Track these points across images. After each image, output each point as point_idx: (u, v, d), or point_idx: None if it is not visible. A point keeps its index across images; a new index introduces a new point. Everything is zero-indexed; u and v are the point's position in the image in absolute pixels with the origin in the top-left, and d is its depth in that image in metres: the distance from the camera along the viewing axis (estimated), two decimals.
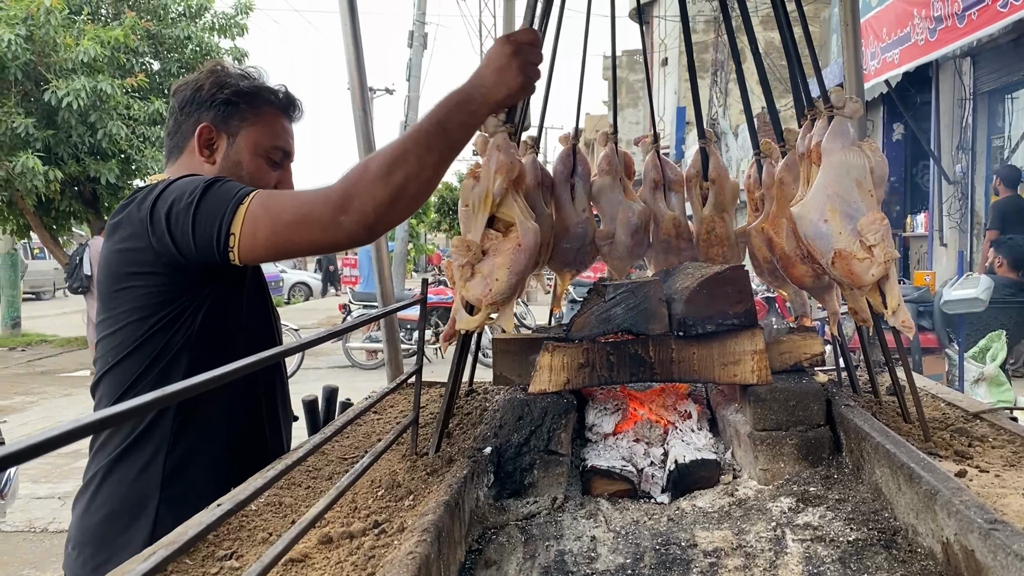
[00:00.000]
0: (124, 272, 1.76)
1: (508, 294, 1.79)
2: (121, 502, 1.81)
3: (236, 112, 1.90)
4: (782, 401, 1.76)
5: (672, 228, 2.39)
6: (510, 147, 1.80)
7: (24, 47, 11.92)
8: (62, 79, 12.17)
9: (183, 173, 1.83)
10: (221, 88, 1.90)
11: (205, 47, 14.93)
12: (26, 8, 11.86)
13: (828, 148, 1.69)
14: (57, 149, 12.89)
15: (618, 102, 43.46)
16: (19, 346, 16.49)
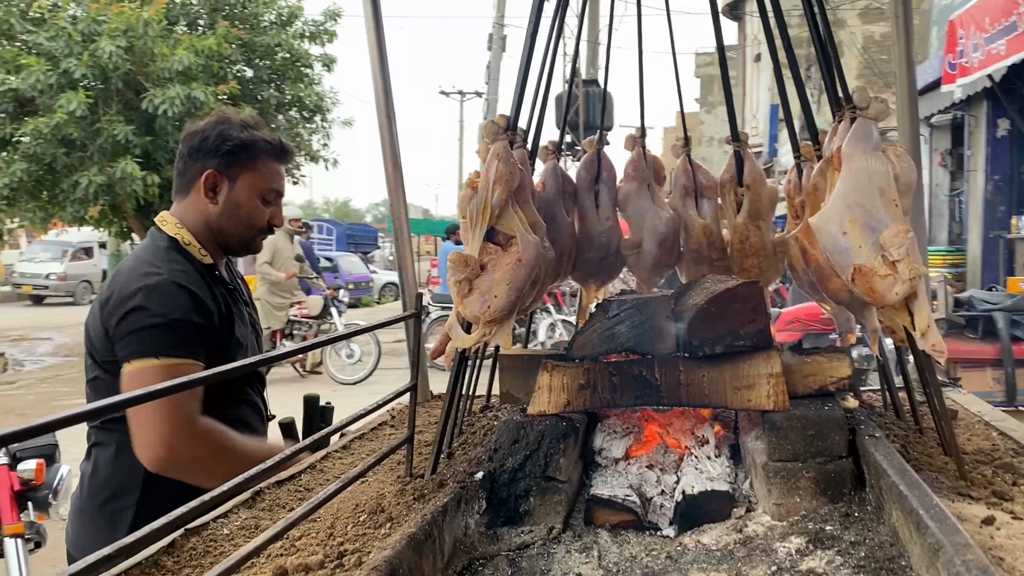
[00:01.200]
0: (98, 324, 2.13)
1: (507, 311, 1.70)
2: (112, 492, 2.14)
3: (236, 161, 2.19)
4: (799, 430, 1.61)
5: (703, 237, 2.25)
6: (510, 156, 1.70)
7: (124, 58, 12.45)
8: (159, 88, 12.66)
9: (189, 212, 2.21)
10: (224, 140, 2.18)
11: (295, 54, 15.29)
12: (126, 21, 12.38)
13: (849, 153, 1.54)
14: (155, 155, 13.42)
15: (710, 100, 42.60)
16: None
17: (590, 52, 18.06)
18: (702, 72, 46.60)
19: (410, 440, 1.75)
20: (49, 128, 11.98)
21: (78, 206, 13.14)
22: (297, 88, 15.48)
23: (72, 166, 12.87)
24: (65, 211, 13.41)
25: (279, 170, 2.32)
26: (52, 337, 18.74)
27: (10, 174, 12.47)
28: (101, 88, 12.78)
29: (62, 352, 16.51)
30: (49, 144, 12.33)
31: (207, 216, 2.21)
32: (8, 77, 12.20)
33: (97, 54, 12.13)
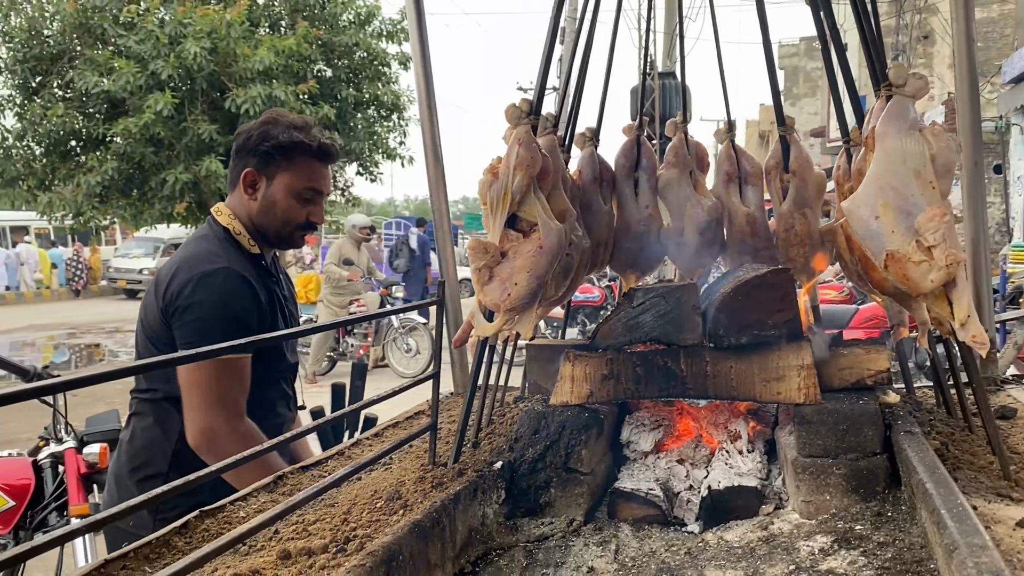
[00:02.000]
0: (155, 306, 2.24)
1: (528, 299, 1.67)
2: (144, 460, 2.25)
3: (273, 161, 2.29)
4: (831, 424, 1.54)
5: (746, 226, 2.17)
6: (532, 141, 1.67)
7: (209, 59, 12.83)
8: (241, 87, 13.01)
9: (236, 205, 2.34)
10: (264, 140, 2.28)
11: (372, 53, 15.50)
12: (210, 23, 12.76)
13: (882, 133, 1.46)
14: None
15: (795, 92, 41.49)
16: None
17: (667, 44, 17.78)
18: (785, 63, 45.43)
19: (433, 428, 1.74)
20: (138, 128, 12.44)
21: (165, 203, 13.61)
22: (374, 87, 15.69)
23: (160, 164, 13.33)
24: (153, 208, 13.90)
25: (319, 170, 2.38)
26: None
27: (102, 172, 13.00)
28: (187, 88, 13.19)
29: None
30: (138, 143, 12.81)
31: (248, 211, 2.33)
32: (101, 79, 12.72)
33: (183, 55, 12.52)
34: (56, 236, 27.53)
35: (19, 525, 3.24)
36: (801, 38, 40.24)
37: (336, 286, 11.39)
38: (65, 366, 14.75)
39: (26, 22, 13.27)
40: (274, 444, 1.33)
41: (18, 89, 13.67)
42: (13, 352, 15.50)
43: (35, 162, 13.95)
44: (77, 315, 21.64)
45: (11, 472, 3.30)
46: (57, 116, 12.81)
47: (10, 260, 25.53)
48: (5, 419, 9.00)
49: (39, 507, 3.25)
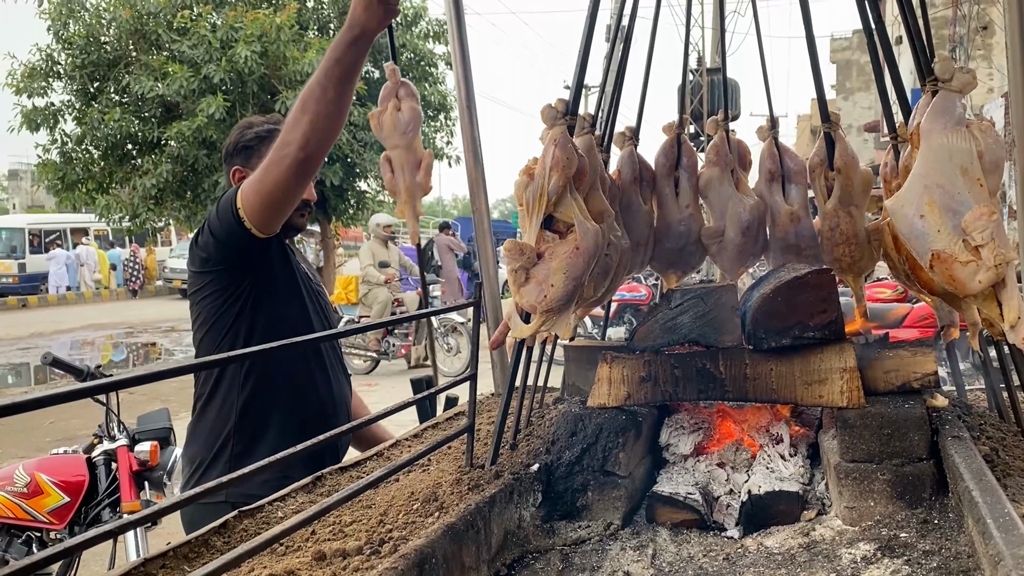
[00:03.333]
0: (199, 273, 2.37)
1: (564, 301, 1.66)
2: (207, 435, 2.36)
3: (253, 153, 2.40)
4: (874, 429, 1.50)
5: (790, 225, 2.13)
6: (568, 142, 1.66)
7: (259, 62, 13.05)
8: (291, 89, 13.20)
9: None
10: (240, 139, 2.46)
11: (419, 53, 15.60)
12: (261, 27, 12.97)
13: (928, 129, 1.42)
14: None
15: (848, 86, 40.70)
16: None
17: (715, 40, 17.57)
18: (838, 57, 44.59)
19: (470, 430, 1.74)
20: (191, 131, 12.70)
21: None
22: (421, 87, 15.79)
23: (212, 167, 13.60)
24: (206, 209, 14.19)
25: None
26: None
27: (157, 175, 13.31)
28: (238, 92, 13.43)
29: None
30: (191, 146, 13.08)
31: None
32: (156, 84, 13.01)
33: (234, 59, 12.76)
34: (114, 237, 28.24)
35: (74, 520, 3.33)
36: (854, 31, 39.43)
37: (374, 286, 11.51)
38: (123, 364, 15.12)
39: (84, 29, 13.64)
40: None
41: (77, 94, 14.06)
42: (73, 351, 15.94)
43: (93, 165, 14.34)
44: (134, 314, 22.17)
45: (66, 469, 3.40)
46: (114, 120, 13.15)
47: (71, 261, 26.27)
48: (67, 416, 9.27)
49: (93, 503, 3.34)
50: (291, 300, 2.42)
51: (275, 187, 2.10)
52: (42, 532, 3.36)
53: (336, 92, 2.06)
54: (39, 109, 14.03)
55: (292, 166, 2.06)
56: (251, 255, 2.27)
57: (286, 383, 2.36)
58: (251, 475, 1.55)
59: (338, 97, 2.07)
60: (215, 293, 2.32)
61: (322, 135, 2.08)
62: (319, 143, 2.09)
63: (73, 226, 28.02)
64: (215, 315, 2.33)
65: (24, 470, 3.37)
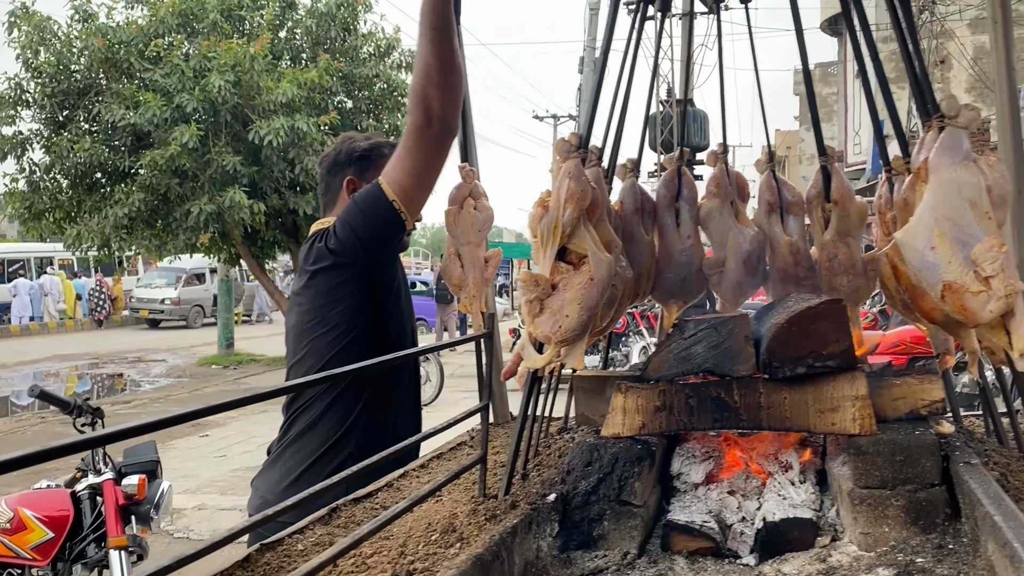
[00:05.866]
0: (316, 287, 2.37)
1: (579, 331, 1.68)
2: (319, 448, 2.35)
3: (368, 164, 2.50)
4: (887, 455, 1.53)
5: (789, 255, 2.17)
6: (581, 174, 1.69)
7: (232, 92, 13.02)
8: (264, 119, 13.18)
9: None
10: (353, 151, 2.55)
11: (392, 84, 15.67)
12: (234, 56, 12.96)
13: (936, 164, 1.46)
14: (261, 184, 13.94)
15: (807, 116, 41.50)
16: (232, 364, 17.96)
17: (684, 72, 17.89)
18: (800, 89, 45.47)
19: (483, 460, 1.74)
20: (164, 160, 12.61)
21: (190, 234, 13.76)
22: (394, 117, 15.86)
23: (184, 196, 13.50)
24: (177, 239, 14.07)
25: None
26: (166, 359, 19.66)
27: (129, 204, 13.17)
28: (211, 121, 13.38)
29: (174, 373, 17.29)
30: (164, 175, 12.98)
31: None
32: (128, 113, 12.92)
33: (207, 88, 12.72)
34: (79, 267, 27.85)
35: (58, 556, 3.26)
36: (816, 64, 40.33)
37: None
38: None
39: (55, 57, 13.54)
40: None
41: (46, 123, 13.92)
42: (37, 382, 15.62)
43: (61, 195, 14.17)
44: (100, 345, 21.82)
45: (50, 504, 3.33)
46: (84, 149, 13.03)
47: (34, 291, 25.83)
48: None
49: (77, 538, 3.28)
50: (398, 311, 2.49)
51: (425, 163, 2.21)
52: (23, 569, 3.29)
53: (441, 42, 2.09)
54: (7, 138, 13.87)
55: (437, 136, 2.17)
56: (395, 249, 2.39)
57: (386, 400, 2.44)
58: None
59: (445, 45, 2.10)
60: (343, 297, 2.33)
61: (450, 91, 2.15)
62: (450, 102, 2.17)
63: (38, 255, 27.59)
64: (340, 317, 2.33)
65: (7, 505, 3.30)
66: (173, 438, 10.01)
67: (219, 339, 19.41)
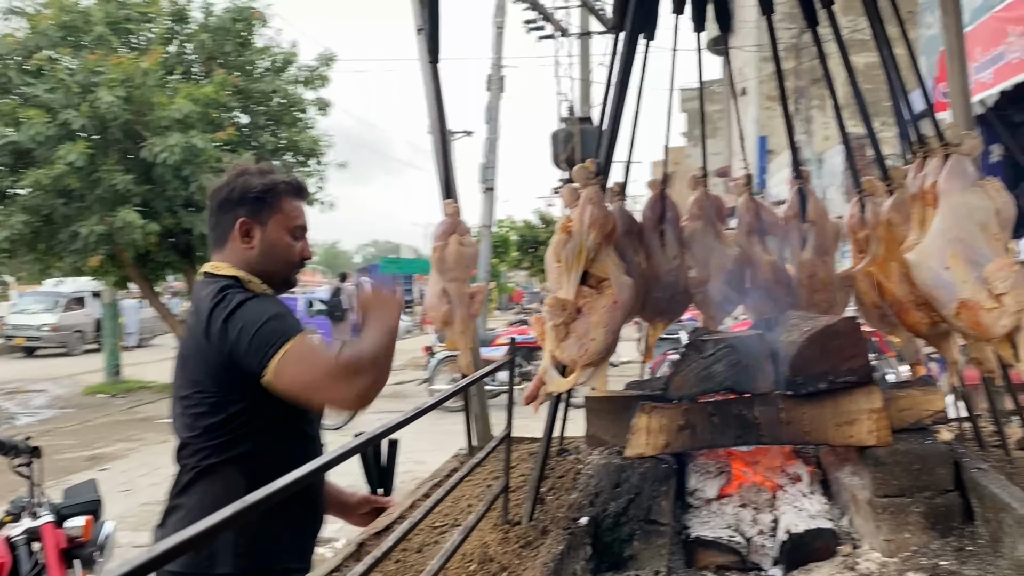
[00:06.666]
0: (200, 359, 2.14)
1: (604, 354, 1.71)
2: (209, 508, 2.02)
3: (263, 205, 2.31)
4: (905, 465, 1.62)
5: (770, 274, 2.27)
6: (602, 200, 1.72)
7: (123, 108, 12.44)
8: (158, 136, 12.65)
9: (231, 261, 2.29)
10: (249, 189, 2.31)
11: (290, 99, 15.35)
12: (124, 71, 12.41)
13: (946, 189, 1.57)
14: (154, 203, 13.35)
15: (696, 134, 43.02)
16: (120, 393, 17.11)
17: (583, 90, 18.28)
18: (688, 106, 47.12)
19: (506, 489, 1.74)
20: (50, 180, 11.94)
21: (76, 256, 13.06)
22: (292, 132, 15.53)
23: (70, 217, 12.80)
24: (63, 262, 13.32)
25: (300, 207, 2.45)
26: (47, 389, 18.53)
27: (9, 227, 12.39)
28: (99, 138, 12.76)
29: (58, 404, 16.32)
30: (48, 195, 12.28)
31: (248, 260, 2.33)
32: (7, 130, 12.18)
33: (96, 105, 12.13)
34: None
35: None
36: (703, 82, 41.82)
37: None
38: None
39: None
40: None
41: None
42: None
43: None
44: None
45: None
46: None
47: None
48: None
49: None
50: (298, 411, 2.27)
51: (304, 399, 2.06)
52: None
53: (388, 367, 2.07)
54: None
55: (336, 404, 2.09)
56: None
57: (292, 454, 2.27)
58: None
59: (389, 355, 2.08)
60: (218, 392, 2.17)
61: (377, 389, 2.08)
62: (365, 400, 2.07)
63: None
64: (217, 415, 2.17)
65: None
66: (69, 473, 9.46)
67: (106, 366, 18.46)
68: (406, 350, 23.93)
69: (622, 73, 1.89)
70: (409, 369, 18.65)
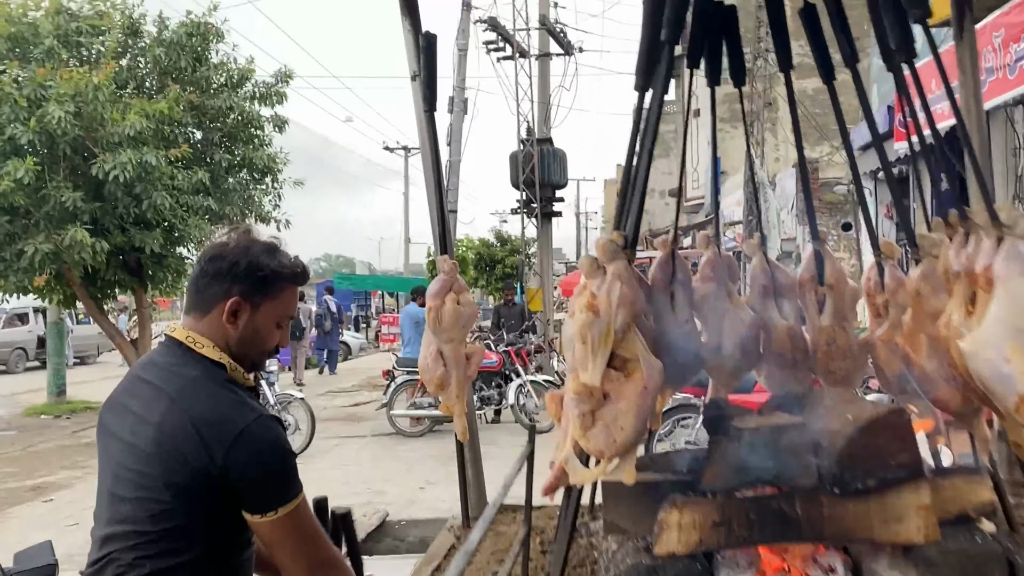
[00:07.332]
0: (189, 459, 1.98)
1: (634, 443, 1.58)
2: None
3: (262, 291, 2.19)
4: (955, 566, 1.51)
5: (787, 340, 2.17)
6: (631, 277, 1.60)
7: (73, 123, 12.04)
8: (109, 152, 12.28)
9: (210, 336, 2.16)
10: (255, 269, 2.17)
11: (247, 116, 15.06)
12: (75, 85, 12.03)
13: (1004, 275, 1.47)
14: (103, 221, 12.96)
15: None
16: (65, 414, 16.54)
17: (542, 112, 18.27)
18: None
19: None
20: None
21: (22, 275, 12.59)
22: (248, 150, 15.24)
23: (16, 234, 12.34)
24: (7, 280, 12.82)
25: (296, 295, 2.37)
26: None
27: None
28: (47, 154, 12.33)
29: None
30: None
31: (227, 338, 2.20)
32: None
33: (45, 120, 11.72)
34: None
35: None
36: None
37: None
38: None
39: None
40: None
41: None
42: None
43: None
44: None
45: None
46: None
47: None
48: None
49: None
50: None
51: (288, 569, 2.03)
52: None
53: None
54: None
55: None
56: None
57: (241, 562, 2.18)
58: None
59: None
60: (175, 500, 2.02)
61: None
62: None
63: None
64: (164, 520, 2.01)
65: None
66: (11, 505, 9.04)
67: (49, 386, 17.87)
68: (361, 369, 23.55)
69: (647, 134, 1.77)
70: (365, 390, 18.35)
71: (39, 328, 23.23)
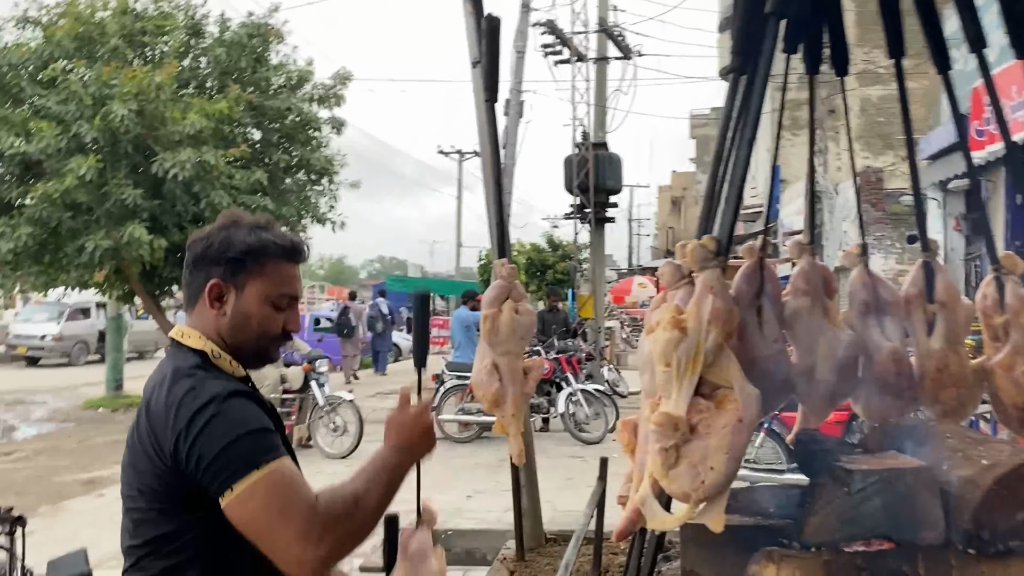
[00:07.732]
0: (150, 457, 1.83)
1: (726, 485, 1.35)
2: None
3: (243, 268, 2.03)
4: None
5: (891, 364, 1.91)
6: (725, 289, 1.37)
7: (135, 122, 12.21)
8: (169, 151, 12.41)
9: (199, 327, 2.02)
10: (228, 246, 2.03)
11: (305, 117, 15.13)
12: (138, 84, 12.18)
13: None
14: (162, 218, 13.12)
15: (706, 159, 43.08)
16: (121, 407, 16.80)
17: (598, 117, 18.03)
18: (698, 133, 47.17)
19: None
20: (58, 192, 11.69)
21: (82, 270, 12.78)
22: (305, 151, 15.32)
23: (77, 230, 12.54)
24: (69, 275, 13.05)
25: (291, 271, 2.13)
26: (47, 401, 18.22)
27: (15, 239, 12.13)
28: (110, 151, 12.52)
29: (58, 417, 15.99)
30: (55, 208, 12.03)
31: (218, 328, 2.02)
32: (18, 141, 11.94)
33: (108, 118, 11.89)
34: None
35: None
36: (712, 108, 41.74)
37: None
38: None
39: None
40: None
41: None
42: None
43: None
44: None
45: None
46: None
47: None
48: None
49: None
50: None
51: (263, 545, 1.75)
52: None
53: (380, 513, 1.89)
54: None
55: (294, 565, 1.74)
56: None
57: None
58: None
59: (379, 517, 1.90)
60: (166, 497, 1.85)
61: (353, 547, 1.83)
62: (340, 557, 1.83)
63: None
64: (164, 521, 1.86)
65: None
66: (64, 498, 9.11)
67: (107, 380, 18.17)
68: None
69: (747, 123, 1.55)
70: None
71: (100, 323, 23.68)
